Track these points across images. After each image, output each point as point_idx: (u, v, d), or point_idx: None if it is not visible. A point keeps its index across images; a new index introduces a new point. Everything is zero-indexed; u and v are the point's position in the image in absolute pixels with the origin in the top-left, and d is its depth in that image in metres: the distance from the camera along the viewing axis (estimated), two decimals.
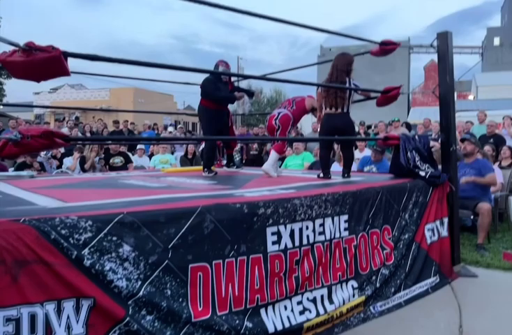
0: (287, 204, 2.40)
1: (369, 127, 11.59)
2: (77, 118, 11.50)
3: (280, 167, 5.96)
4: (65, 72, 1.98)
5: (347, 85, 3.57)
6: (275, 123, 4.06)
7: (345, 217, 2.70)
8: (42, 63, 1.90)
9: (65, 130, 9.45)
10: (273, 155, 4.07)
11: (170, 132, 10.96)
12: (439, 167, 3.67)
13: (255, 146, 9.33)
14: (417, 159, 3.42)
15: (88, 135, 9.52)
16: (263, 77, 4.22)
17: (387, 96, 3.60)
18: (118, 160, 7.01)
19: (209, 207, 2.11)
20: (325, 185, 3.23)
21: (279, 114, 4.10)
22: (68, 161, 7.06)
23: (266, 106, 39.32)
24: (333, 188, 2.93)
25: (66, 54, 1.98)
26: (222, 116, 4.38)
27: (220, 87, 4.26)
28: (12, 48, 1.95)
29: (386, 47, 3.71)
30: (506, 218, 5.51)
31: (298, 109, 4.19)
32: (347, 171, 3.76)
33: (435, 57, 3.66)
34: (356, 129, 10.68)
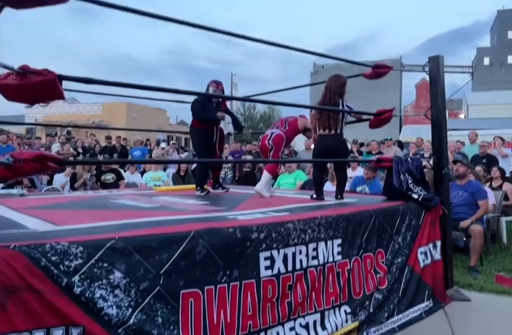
0: (280, 229, 2.38)
1: (361, 144, 11.67)
2: (68, 132, 11.46)
3: (272, 185, 5.96)
4: (59, 95, 1.97)
5: (340, 107, 3.60)
6: (268, 143, 4.07)
7: (339, 241, 2.69)
8: (37, 86, 1.90)
9: (57, 146, 9.43)
10: (266, 175, 4.07)
11: (163, 148, 10.93)
12: (432, 189, 3.68)
13: (247, 163, 9.33)
14: (410, 181, 3.43)
15: (80, 150, 9.48)
16: (252, 99, 4.26)
17: (380, 119, 3.63)
18: (109, 177, 6.97)
19: (202, 232, 2.09)
20: (318, 207, 3.22)
21: (272, 134, 4.11)
22: (59, 178, 6.99)
23: (260, 122, 39.53)
24: (327, 210, 2.92)
25: (61, 78, 1.98)
26: (211, 136, 4.40)
27: (207, 107, 4.29)
28: (6, 71, 1.94)
29: (379, 71, 3.76)
30: (498, 239, 5.53)
31: (291, 129, 4.21)
32: (340, 192, 3.76)
33: (426, 76, 3.71)
34: (349, 147, 10.75)
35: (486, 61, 47.76)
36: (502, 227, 5.63)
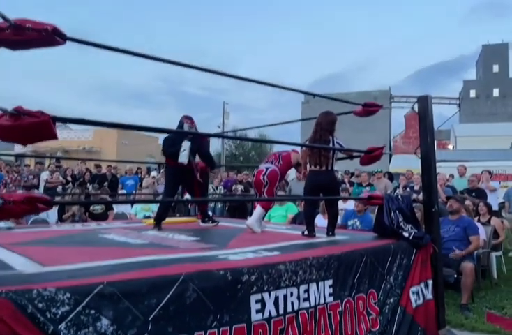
0: (271, 270, 2.36)
1: (352, 174, 11.72)
2: (58, 160, 11.39)
3: (263, 217, 5.94)
4: (53, 136, 1.98)
5: (331, 144, 3.64)
6: (263, 179, 4.08)
7: (330, 282, 2.66)
8: (31, 128, 1.90)
9: (46, 174, 9.35)
10: (259, 210, 4.06)
11: (153, 177, 10.91)
12: (422, 226, 3.69)
13: (238, 192, 9.31)
14: (400, 219, 3.44)
15: (69, 178, 9.41)
16: (244, 138, 4.28)
17: (370, 156, 3.67)
18: (98, 207, 6.89)
19: (192, 275, 2.06)
20: (309, 245, 3.20)
21: (267, 169, 4.13)
22: None
23: (251, 150, 39.77)
24: (318, 250, 2.91)
25: (55, 119, 1.99)
26: (183, 173, 4.28)
27: (175, 142, 4.18)
28: None
29: (369, 109, 3.83)
30: (489, 275, 5.51)
31: (285, 163, 4.24)
32: (331, 229, 3.75)
33: (415, 107, 3.77)
34: (340, 177, 10.80)
35: (472, 93, 49.04)
36: (492, 262, 5.63)
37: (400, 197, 3.63)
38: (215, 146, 32.70)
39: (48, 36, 1.96)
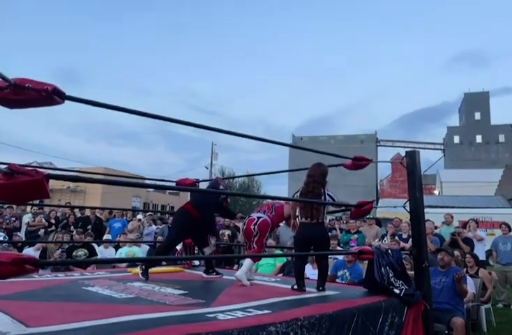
0: (262, 333, 2.29)
1: (340, 218, 11.70)
2: (41, 201, 11.20)
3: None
4: (45, 195, 1.96)
5: (323, 197, 3.66)
6: (254, 228, 4.05)
7: None
8: (24, 186, 1.89)
9: (28, 216, 9.16)
10: (248, 262, 4.00)
11: (139, 220, 10.75)
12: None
13: (225, 237, 9.17)
14: (391, 275, 3.42)
15: (52, 221, 9.23)
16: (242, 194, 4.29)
17: (361, 210, 3.69)
18: (81, 253, 6.73)
19: None
20: (300, 302, 3.13)
21: (258, 219, 4.11)
22: (28, 252, 6.72)
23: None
24: (309, 308, 2.85)
25: (49, 177, 1.99)
26: (199, 226, 4.34)
27: (208, 198, 4.38)
28: None
29: (359, 163, 3.89)
30: (479, 329, 5.42)
31: (277, 215, 4.22)
32: (322, 283, 3.69)
33: (400, 150, 3.86)
34: (327, 222, 10.78)
35: (456, 139, 50.41)
36: (482, 316, 5.55)
37: (390, 251, 3.62)
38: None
39: (47, 96, 1.99)
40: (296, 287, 3.65)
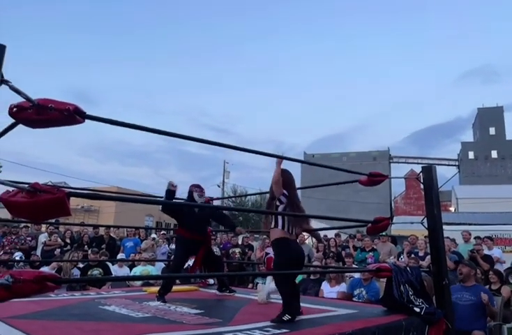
0: None
1: (354, 236, 11.49)
2: (57, 220, 11.28)
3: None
4: (66, 212, 1.98)
5: None
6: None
7: None
8: (46, 204, 1.92)
9: (44, 236, 9.20)
10: (272, 287, 3.91)
11: (153, 239, 10.74)
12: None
13: (237, 255, 9.08)
14: (410, 293, 3.35)
15: (68, 241, 9.26)
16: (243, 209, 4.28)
17: (377, 226, 3.65)
18: (96, 272, 6.72)
19: None
20: (318, 321, 3.07)
21: None
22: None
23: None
24: (327, 327, 2.80)
25: (70, 195, 2.01)
26: (197, 245, 4.35)
27: (194, 215, 4.31)
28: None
29: (375, 179, 3.87)
30: None
31: None
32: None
33: (414, 167, 3.83)
34: (342, 240, 10.60)
35: (471, 155, 49.92)
36: None
37: (408, 269, 3.56)
38: None
39: (69, 115, 2.04)
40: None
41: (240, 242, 9.81)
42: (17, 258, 7.27)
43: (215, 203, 5.92)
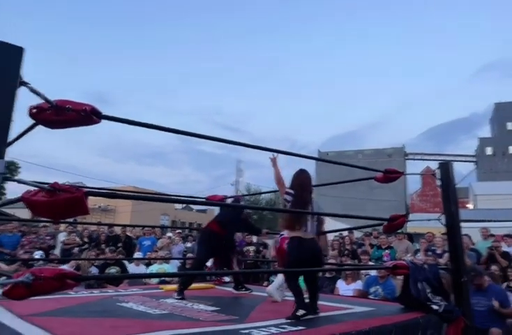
0: None
1: (370, 234, 11.35)
2: (74, 219, 11.44)
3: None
4: (85, 211, 2.02)
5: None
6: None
7: None
8: (65, 203, 1.95)
9: (63, 235, 9.35)
10: (280, 278, 3.95)
11: (169, 238, 10.82)
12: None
13: (251, 253, 9.08)
14: (428, 291, 3.32)
15: (86, 240, 9.39)
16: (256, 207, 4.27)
17: (393, 224, 3.63)
18: (113, 270, 6.81)
19: None
20: (335, 318, 3.07)
21: None
22: None
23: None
24: (345, 324, 2.80)
25: (88, 194, 2.04)
26: (223, 242, 4.45)
27: (231, 216, 4.51)
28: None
29: (390, 176, 3.85)
30: None
31: None
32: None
33: (430, 163, 3.79)
34: (356, 237, 10.51)
35: (489, 150, 49.11)
36: None
37: (426, 266, 3.53)
38: None
39: (86, 116, 2.07)
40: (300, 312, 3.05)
41: (255, 240, 9.82)
42: (37, 257, 7.39)
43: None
